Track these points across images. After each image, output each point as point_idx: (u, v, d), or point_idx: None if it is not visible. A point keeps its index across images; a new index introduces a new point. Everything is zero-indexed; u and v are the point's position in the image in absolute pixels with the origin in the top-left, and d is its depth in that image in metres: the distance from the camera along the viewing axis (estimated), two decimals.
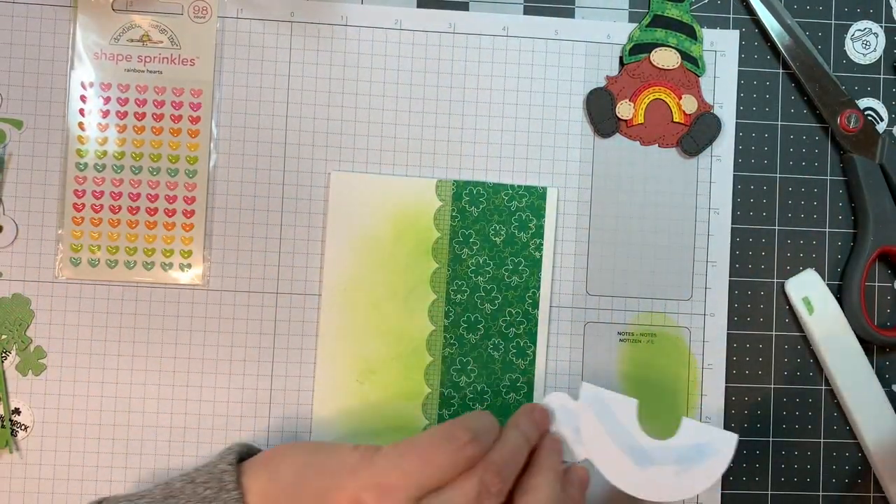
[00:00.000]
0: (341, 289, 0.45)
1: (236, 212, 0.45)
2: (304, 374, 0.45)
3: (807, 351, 0.47)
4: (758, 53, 0.47)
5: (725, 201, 0.47)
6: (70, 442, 0.44)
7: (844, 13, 0.48)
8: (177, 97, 0.45)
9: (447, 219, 0.45)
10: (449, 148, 0.46)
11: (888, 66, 0.48)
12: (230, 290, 0.45)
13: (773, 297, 0.47)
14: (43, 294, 0.45)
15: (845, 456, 0.47)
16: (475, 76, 0.46)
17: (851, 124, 0.46)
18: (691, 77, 0.46)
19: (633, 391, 0.46)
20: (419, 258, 0.45)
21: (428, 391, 0.45)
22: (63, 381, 0.44)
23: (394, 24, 0.46)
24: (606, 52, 0.47)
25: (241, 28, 0.45)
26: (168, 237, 0.45)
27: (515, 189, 0.46)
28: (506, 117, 0.46)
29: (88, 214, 0.45)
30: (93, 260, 0.44)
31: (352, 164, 0.46)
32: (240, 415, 0.45)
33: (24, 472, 0.44)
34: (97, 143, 0.45)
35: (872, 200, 0.46)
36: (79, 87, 0.45)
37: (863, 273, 0.46)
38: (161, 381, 0.45)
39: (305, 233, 0.45)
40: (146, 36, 0.45)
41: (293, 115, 0.46)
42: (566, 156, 0.46)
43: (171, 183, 0.45)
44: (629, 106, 0.46)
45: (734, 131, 0.47)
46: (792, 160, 0.47)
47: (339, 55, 0.46)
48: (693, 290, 0.46)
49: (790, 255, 0.47)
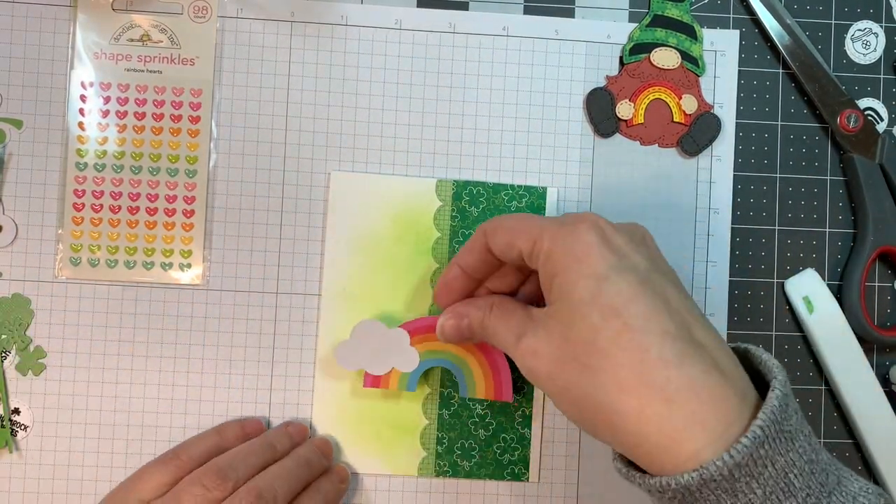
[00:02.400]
0: (341, 289, 0.45)
1: (236, 212, 0.45)
2: (304, 374, 0.45)
3: (807, 351, 0.47)
4: (758, 53, 0.47)
5: (725, 201, 0.47)
6: (70, 442, 0.44)
7: (844, 13, 0.48)
8: (177, 97, 0.45)
9: (447, 219, 0.45)
10: (449, 148, 0.46)
11: (888, 66, 0.48)
12: (230, 290, 0.45)
13: (773, 297, 0.47)
14: (43, 294, 0.45)
15: (845, 456, 0.47)
16: (475, 76, 0.46)
17: (851, 124, 0.46)
18: (691, 77, 0.46)
19: None
20: (419, 258, 0.45)
21: (428, 391, 0.45)
22: (63, 381, 0.44)
23: (394, 24, 0.46)
24: (606, 52, 0.47)
25: (241, 28, 0.45)
26: (168, 237, 0.45)
27: (515, 189, 0.46)
28: (506, 117, 0.46)
29: (88, 214, 0.44)
30: (93, 260, 0.44)
31: (352, 164, 0.46)
32: (240, 414, 0.45)
33: (24, 472, 0.44)
34: (97, 142, 0.45)
35: (872, 200, 0.46)
36: (79, 87, 0.45)
37: (863, 273, 0.46)
38: (161, 381, 0.45)
39: (305, 233, 0.45)
40: (146, 36, 0.45)
41: (293, 115, 0.46)
42: (566, 156, 0.46)
43: (171, 183, 0.45)
44: (629, 106, 0.46)
45: (734, 131, 0.47)
46: (792, 160, 0.47)
47: (339, 55, 0.46)
48: (693, 290, 0.46)
49: (790, 255, 0.47)
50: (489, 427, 0.45)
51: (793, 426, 0.32)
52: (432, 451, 0.45)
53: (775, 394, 0.32)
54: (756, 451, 0.30)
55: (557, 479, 0.45)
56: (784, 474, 0.31)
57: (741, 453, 0.30)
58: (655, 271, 0.35)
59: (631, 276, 0.33)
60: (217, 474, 0.39)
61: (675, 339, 0.32)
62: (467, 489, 0.45)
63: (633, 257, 0.35)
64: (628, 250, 0.35)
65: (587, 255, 0.34)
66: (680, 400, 0.31)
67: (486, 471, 0.45)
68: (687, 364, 0.32)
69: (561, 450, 0.46)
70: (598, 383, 0.32)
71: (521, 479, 0.45)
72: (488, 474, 0.45)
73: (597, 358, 0.33)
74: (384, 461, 0.45)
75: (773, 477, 0.31)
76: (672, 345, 0.32)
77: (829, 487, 0.32)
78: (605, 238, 0.35)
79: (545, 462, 0.45)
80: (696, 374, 0.32)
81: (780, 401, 0.31)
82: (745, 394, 0.32)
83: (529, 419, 0.45)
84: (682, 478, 0.31)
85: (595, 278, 0.33)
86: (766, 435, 0.30)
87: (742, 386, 0.33)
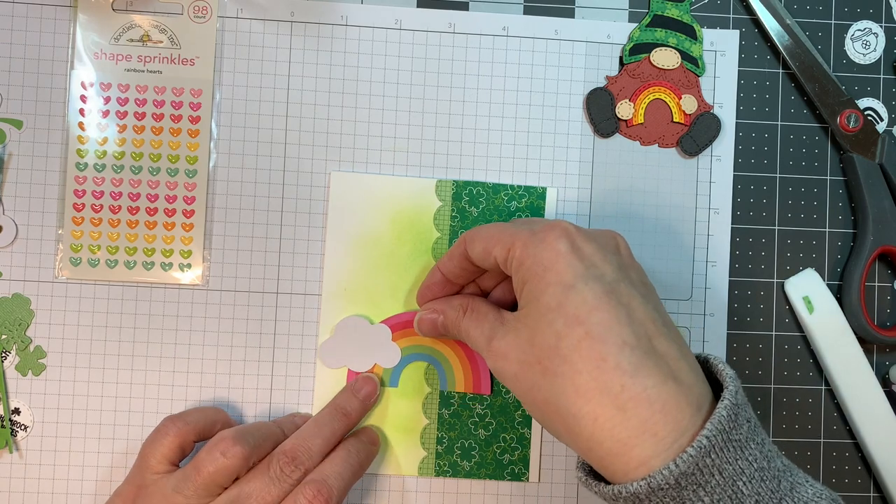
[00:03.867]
0: (341, 289, 0.45)
1: (236, 212, 0.45)
2: (304, 374, 0.45)
3: (807, 351, 0.47)
4: (758, 53, 0.47)
5: (725, 201, 0.47)
6: (70, 442, 0.44)
7: (844, 13, 0.48)
8: (177, 97, 0.45)
9: (447, 219, 0.45)
10: (449, 148, 0.46)
11: (888, 66, 0.48)
12: (230, 290, 0.45)
13: (773, 297, 0.47)
14: (43, 294, 0.45)
15: (845, 456, 0.47)
16: (475, 76, 0.46)
17: (851, 124, 0.46)
18: (691, 77, 0.46)
19: None
20: (419, 258, 0.45)
21: (428, 391, 0.45)
22: (63, 381, 0.44)
23: (394, 23, 0.46)
24: (606, 52, 0.47)
25: (241, 28, 0.45)
26: (168, 237, 0.45)
27: (515, 189, 0.46)
28: (506, 117, 0.46)
29: (88, 214, 0.44)
30: (93, 260, 0.44)
31: (352, 164, 0.46)
32: (240, 415, 0.45)
33: (24, 472, 0.44)
34: (97, 143, 0.45)
35: (872, 200, 0.46)
36: (79, 87, 0.45)
37: (863, 273, 0.46)
38: (161, 381, 0.45)
39: (305, 233, 0.45)
40: (146, 36, 0.45)
41: (293, 115, 0.46)
42: (566, 156, 0.46)
43: (170, 183, 0.45)
44: (629, 106, 0.46)
45: (734, 131, 0.47)
46: (792, 160, 0.47)
47: (339, 55, 0.46)
48: (693, 290, 0.46)
49: (790, 255, 0.47)
50: (489, 427, 0.45)
51: (743, 435, 0.33)
52: (432, 451, 0.45)
53: (724, 404, 0.33)
54: (702, 461, 0.31)
55: (557, 479, 0.45)
56: (732, 482, 0.32)
57: (686, 462, 0.31)
58: (623, 280, 0.36)
59: (597, 285, 0.34)
60: (234, 440, 0.39)
61: (634, 349, 0.33)
62: (467, 489, 0.45)
63: (602, 266, 0.35)
64: (597, 259, 0.36)
65: (555, 264, 0.35)
66: (632, 408, 0.32)
67: (486, 471, 0.45)
68: (642, 374, 0.33)
69: (561, 450, 0.46)
70: (558, 387, 0.34)
71: (521, 479, 0.45)
72: (488, 474, 0.45)
73: (559, 363, 0.34)
74: (384, 461, 0.45)
75: (720, 485, 0.32)
76: (630, 354, 0.33)
77: (780, 494, 0.33)
78: (575, 246, 0.36)
79: (545, 462, 0.45)
80: (651, 384, 0.33)
81: (728, 411, 0.32)
82: (700, 404, 0.33)
83: (529, 419, 0.45)
84: (632, 486, 0.32)
85: (562, 286, 0.34)
86: (712, 444, 0.32)
87: (698, 395, 0.34)
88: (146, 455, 0.40)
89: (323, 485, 0.38)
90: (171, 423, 0.41)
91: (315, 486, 0.38)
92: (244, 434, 0.39)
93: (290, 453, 0.39)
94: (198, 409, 0.43)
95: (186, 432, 0.40)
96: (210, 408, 0.44)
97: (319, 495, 0.38)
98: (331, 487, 0.38)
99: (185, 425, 0.40)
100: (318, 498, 0.38)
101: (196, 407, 0.44)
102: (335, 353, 0.44)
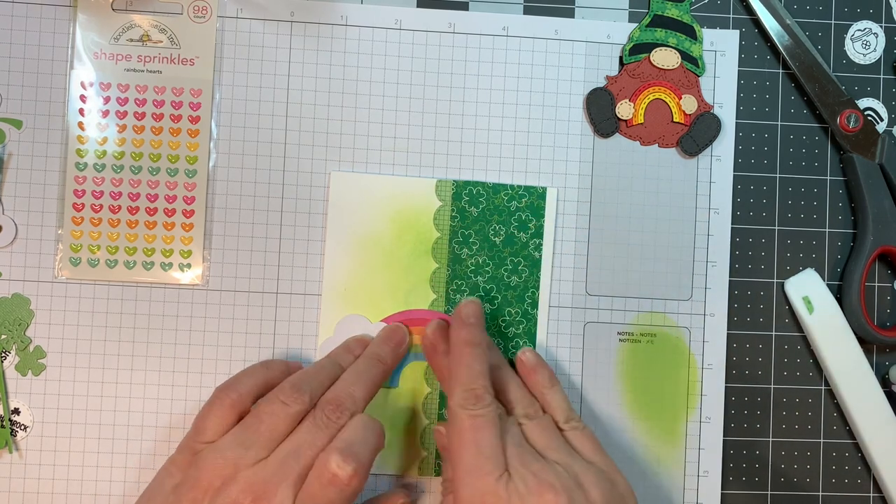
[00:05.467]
0: (341, 289, 0.45)
1: (236, 212, 0.45)
2: None
3: (806, 351, 0.47)
4: (758, 53, 0.47)
5: (725, 201, 0.47)
6: (70, 442, 0.44)
7: (844, 13, 0.48)
8: (177, 97, 0.45)
9: (447, 219, 0.45)
10: (449, 148, 0.46)
11: (888, 66, 0.48)
12: (230, 290, 0.45)
13: (772, 297, 0.47)
14: (43, 294, 0.45)
15: (845, 456, 0.47)
16: (475, 76, 0.46)
17: (851, 124, 0.46)
18: (691, 77, 0.46)
19: (632, 391, 0.46)
20: (419, 258, 0.45)
21: (428, 391, 0.45)
22: (63, 381, 0.44)
23: (394, 23, 0.46)
24: (606, 52, 0.47)
25: (241, 28, 0.45)
26: (168, 237, 0.45)
27: (515, 189, 0.46)
28: (506, 117, 0.46)
29: (88, 214, 0.44)
30: (92, 260, 0.44)
31: (352, 164, 0.46)
32: None
33: (24, 472, 0.44)
34: (97, 143, 0.45)
35: (872, 200, 0.46)
36: (79, 87, 0.45)
37: (863, 273, 0.46)
38: (161, 381, 0.45)
39: (305, 233, 0.45)
40: (146, 36, 0.45)
41: (293, 115, 0.46)
42: (566, 156, 0.46)
43: (170, 183, 0.45)
44: (629, 106, 0.46)
45: (734, 131, 0.47)
46: (792, 160, 0.47)
47: (339, 55, 0.46)
48: (693, 290, 0.46)
49: (790, 255, 0.47)
50: None
51: None
52: (432, 451, 0.45)
53: None
54: None
55: None
56: None
57: None
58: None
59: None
60: (293, 388, 0.39)
61: None
62: None
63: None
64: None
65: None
66: None
67: None
68: None
69: None
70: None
71: None
72: None
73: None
74: (384, 461, 0.45)
75: None
76: None
77: None
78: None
79: None
80: None
81: None
82: None
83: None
84: None
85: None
86: None
87: None
88: (202, 428, 0.39)
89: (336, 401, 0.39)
90: (224, 394, 0.40)
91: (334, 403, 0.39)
92: (301, 382, 0.40)
93: (335, 401, 0.39)
94: (246, 373, 0.41)
95: (242, 402, 0.40)
96: (259, 368, 0.42)
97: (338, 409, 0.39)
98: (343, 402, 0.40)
99: (239, 396, 0.40)
100: (336, 412, 0.39)
101: (244, 370, 0.42)
102: None
